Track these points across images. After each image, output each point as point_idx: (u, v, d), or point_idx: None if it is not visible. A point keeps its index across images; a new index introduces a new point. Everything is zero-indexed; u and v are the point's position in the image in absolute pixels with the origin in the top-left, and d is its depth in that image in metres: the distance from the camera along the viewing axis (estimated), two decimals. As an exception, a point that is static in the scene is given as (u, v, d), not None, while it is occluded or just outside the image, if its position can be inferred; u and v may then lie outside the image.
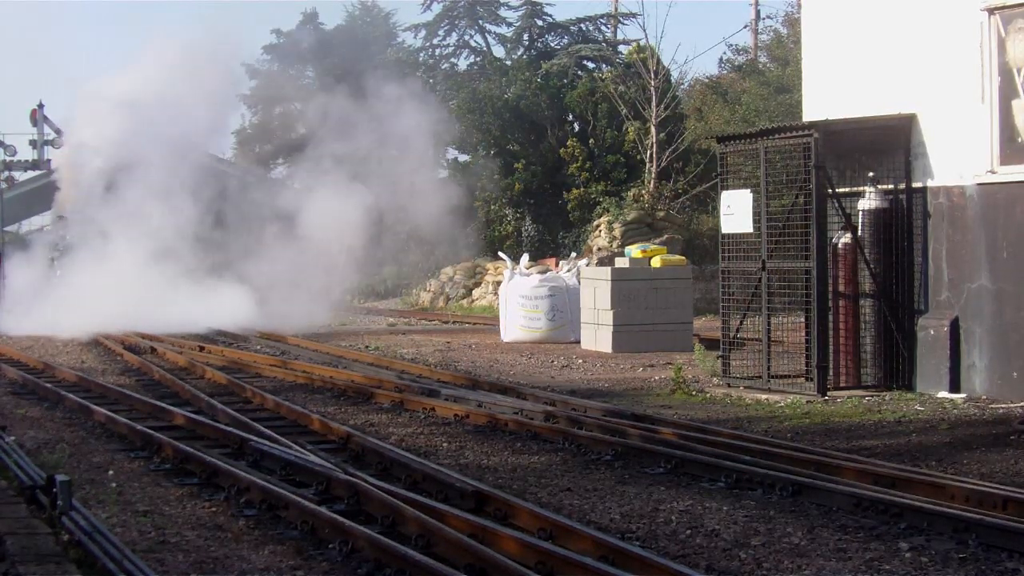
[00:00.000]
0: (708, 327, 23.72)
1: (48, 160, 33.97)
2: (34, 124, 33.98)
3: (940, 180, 15.27)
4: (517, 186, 36.51)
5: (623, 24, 48.12)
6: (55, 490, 8.32)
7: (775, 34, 43.66)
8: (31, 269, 30.12)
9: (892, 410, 14.15)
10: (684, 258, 24.16)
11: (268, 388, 16.41)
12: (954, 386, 14.97)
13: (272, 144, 46.64)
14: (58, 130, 33.43)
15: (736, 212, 16.25)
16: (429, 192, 34.18)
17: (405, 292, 39.38)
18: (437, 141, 35.07)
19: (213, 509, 9.60)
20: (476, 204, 36.26)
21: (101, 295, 26.66)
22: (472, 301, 36.09)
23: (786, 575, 7.77)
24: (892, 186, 15.69)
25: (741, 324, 16.40)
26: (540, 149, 36.92)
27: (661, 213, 33.28)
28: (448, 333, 26.87)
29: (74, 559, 7.55)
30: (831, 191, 15.60)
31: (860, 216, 15.73)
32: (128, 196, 29.73)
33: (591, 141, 36.40)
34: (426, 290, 38.02)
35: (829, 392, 15.29)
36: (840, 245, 15.75)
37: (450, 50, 50.08)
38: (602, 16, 48.17)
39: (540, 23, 47.80)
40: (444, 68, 47.97)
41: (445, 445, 12.36)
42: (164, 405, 14.33)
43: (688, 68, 64.08)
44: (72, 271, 29.24)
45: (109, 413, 13.64)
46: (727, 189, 16.54)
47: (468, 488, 9.49)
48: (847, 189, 15.88)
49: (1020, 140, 14.44)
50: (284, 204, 31.70)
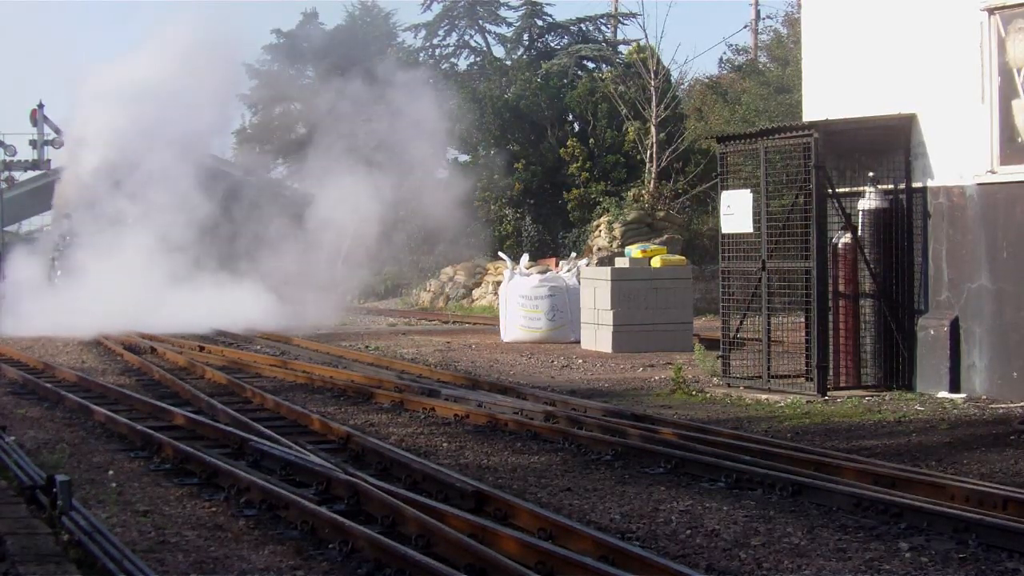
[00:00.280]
0: (708, 327, 23.72)
1: (48, 160, 33.98)
2: (34, 124, 33.98)
3: (940, 180, 15.28)
4: (517, 186, 36.50)
5: (623, 24, 48.19)
6: (55, 490, 8.32)
7: (775, 34, 43.65)
8: (31, 269, 30.09)
9: (892, 410, 14.15)
10: (684, 258, 24.16)
11: (268, 388, 16.41)
12: (954, 386, 14.97)
13: (272, 144, 46.59)
14: (58, 130, 33.42)
15: (736, 212, 16.26)
16: (439, 185, 34.19)
17: (405, 292, 39.37)
18: (450, 131, 34.99)
19: (213, 509, 9.60)
20: (476, 204, 36.24)
21: (101, 295, 26.65)
22: (472, 301, 36.09)
23: (786, 575, 7.77)
24: (892, 186, 15.69)
25: (741, 324, 16.41)
26: (540, 149, 36.91)
27: (661, 213, 33.27)
28: (448, 333, 26.87)
29: (74, 559, 7.55)
30: (831, 191, 15.60)
31: (860, 216, 15.73)
32: (131, 194, 29.68)
33: (591, 141, 36.40)
34: (426, 290, 38.01)
35: (829, 392, 15.29)
36: (840, 245, 15.75)
37: (450, 50, 50.11)
38: (602, 16, 48.20)
39: (540, 23, 47.82)
40: (444, 68, 47.96)
41: (445, 445, 12.36)
42: (164, 405, 14.33)
43: (688, 68, 64.10)
44: (73, 271, 29.24)
45: (109, 413, 13.64)
46: (727, 189, 16.55)
47: (468, 488, 9.49)
48: (847, 189, 15.88)
49: (1020, 140, 14.44)
50: (294, 200, 31.63)
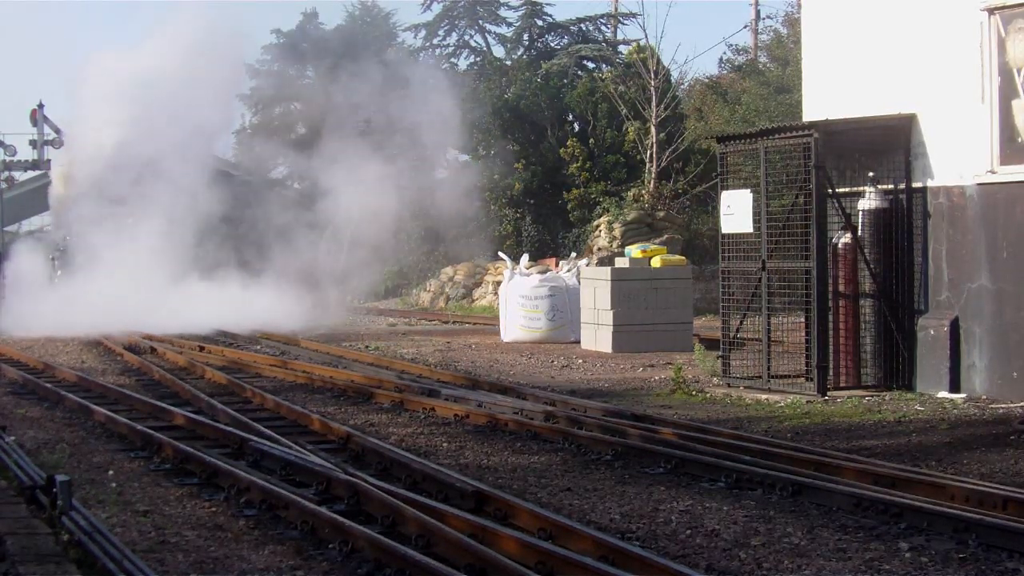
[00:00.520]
0: (708, 327, 23.72)
1: (48, 160, 33.94)
2: (34, 124, 33.97)
3: (940, 180, 15.27)
4: (517, 186, 36.50)
5: (623, 24, 48.18)
6: (55, 490, 8.32)
7: (775, 34, 43.65)
8: (32, 269, 30.06)
9: (892, 410, 14.14)
10: (684, 258, 24.16)
11: (268, 388, 16.41)
12: (954, 386, 14.97)
13: (272, 144, 46.58)
14: (58, 130, 33.39)
15: (736, 212, 16.26)
16: (451, 181, 34.14)
17: (405, 292, 39.37)
18: (463, 123, 34.97)
19: (213, 509, 9.60)
20: (487, 196, 36.16)
21: (101, 295, 26.63)
22: (472, 301, 36.08)
23: (786, 575, 7.77)
24: (892, 186, 15.69)
25: (741, 324, 16.40)
26: (540, 149, 36.91)
27: (661, 213, 33.27)
28: (448, 333, 26.87)
29: (74, 559, 7.55)
30: (831, 191, 15.60)
31: (860, 216, 15.73)
32: (132, 192, 29.59)
33: (591, 141, 36.38)
34: (426, 290, 38.01)
35: (829, 392, 15.29)
36: (840, 245, 15.75)
37: (450, 50, 50.10)
38: (602, 16, 48.19)
39: (540, 23, 47.81)
40: (444, 68, 47.94)
41: (445, 445, 12.35)
42: (164, 405, 14.33)
43: (688, 68, 64.11)
44: (73, 271, 29.21)
45: (109, 413, 13.64)
46: (727, 189, 16.55)
47: (468, 488, 9.49)
48: (847, 189, 15.88)
49: (1020, 140, 14.44)
50: (295, 200, 31.54)
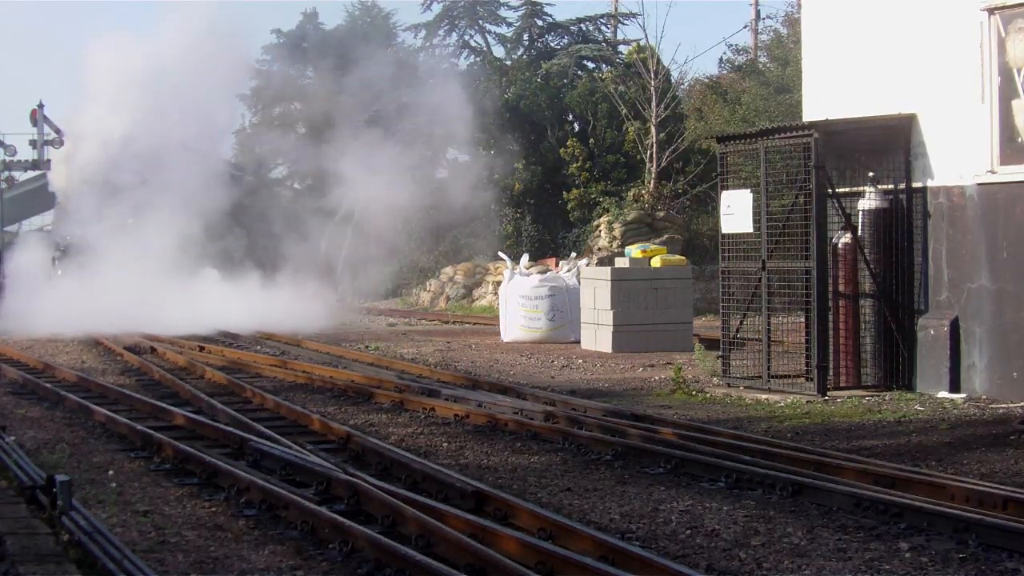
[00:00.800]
0: (708, 327, 23.72)
1: (48, 160, 33.92)
2: (34, 124, 33.94)
3: (940, 180, 15.28)
4: (517, 186, 36.49)
5: (623, 24, 48.13)
6: (55, 490, 8.32)
7: (775, 34, 43.60)
8: (32, 268, 30.05)
9: (892, 410, 14.14)
10: (684, 258, 24.16)
11: (268, 388, 16.40)
12: (954, 386, 14.97)
13: (278, 136, 46.53)
14: (58, 130, 33.36)
15: (736, 212, 16.26)
16: (462, 170, 34.12)
17: (405, 292, 39.37)
18: (476, 112, 34.98)
19: (213, 509, 9.60)
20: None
21: (102, 295, 26.61)
22: (472, 301, 36.09)
23: (786, 575, 7.77)
24: (892, 186, 15.69)
25: (741, 324, 16.40)
26: (540, 149, 36.91)
27: (661, 213, 33.28)
28: (448, 333, 26.87)
29: (74, 559, 7.55)
30: (831, 191, 15.60)
31: (860, 216, 15.73)
32: (135, 189, 29.57)
33: (591, 141, 36.38)
34: (426, 290, 38.01)
35: (829, 392, 15.29)
36: (840, 245, 15.75)
37: (450, 50, 50.08)
38: (602, 16, 48.15)
39: (540, 23, 47.79)
40: (444, 68, 47.92)
41: (445, 445, 12.35)
42: (164, 405, 14.33)
43: (688, 68, 64.10)
44: (74, 271, 29.19)
45: (109, 413, 13.64)
46: (727, 189, 16.55)
47: (468, 488, 9.49)
48: (847, 189, 15.88)
49: (1020, 140, 14.44)
50: (295, 200, 31.49)
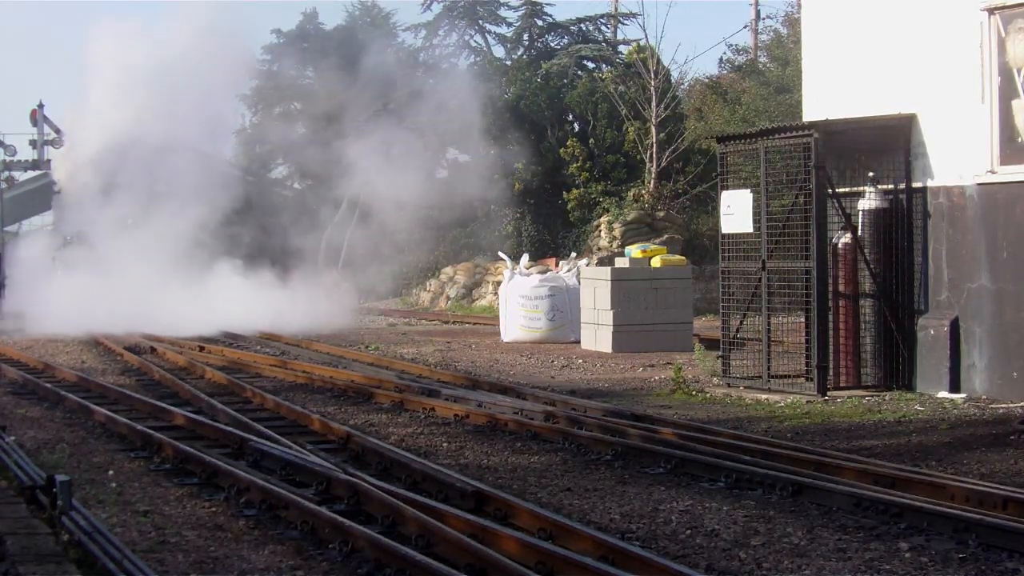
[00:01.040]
0: (708, 327, 23.72)
1: (48, 160, 33.93)
2: (34, 124, 33.95)
3: (940, 180, 15.28)
4: (517, 186, 36.48)
5: (623, 24, 48.07)
6: (55, 490, 8.32)
7: (775, 34, 43.64)
8: (32, 267, 30.02)
9: (892, 410, 14.15)
10: (684, 258, 24.16)
11: (268, 388, 16.40)
12: (954, 386, 14.97)
13: (272, 144, 46.53)
14: (58, 130, 33.37)
15: (736, 212, 16.26)
16: (471, 168, 34.14)
17: (405, 292, 39.37)
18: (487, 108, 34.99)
19: (213, 509, 9.60)
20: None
21: (104, 295, 26.59)
22: (472, 301, 36.08)
23: (786, 575, 7.77)
24: (892, 186, 15.69)
25: (741, 324, 16.40)
26: (540, 149, 36.91)
27: (661, 213, 33.27)
28: (448, 333, 26.87)
29: (74, 559, 7.55)
30: (831, 191, 15.60)
31: (860, 216, 15.73)
32: (135, 189, 29.52)
33: (591, 141, 36.37)
34: (426, 290, 38.01)
35: (829, 392, 15.29)
36: (840, 245, 15.75)
37: (450, 50, 50.06)
38: (602, 16, 48.11)
39: (540, 23, 47.74)
40: (444, 68, 47.90)
41: (445, 445, 12.35)
42: (164, 405, 14.33)
43: (688, 68, 64.13)
44: (74, 270, 29.15)
45: (109, 413, 13.64)
46: (727, 189, 16.55)
47: (468, 488, 9.49)
48: (847, 189, 15.88)
49: (1020, 140, 14.44)
50: (296, 200, 31.50)
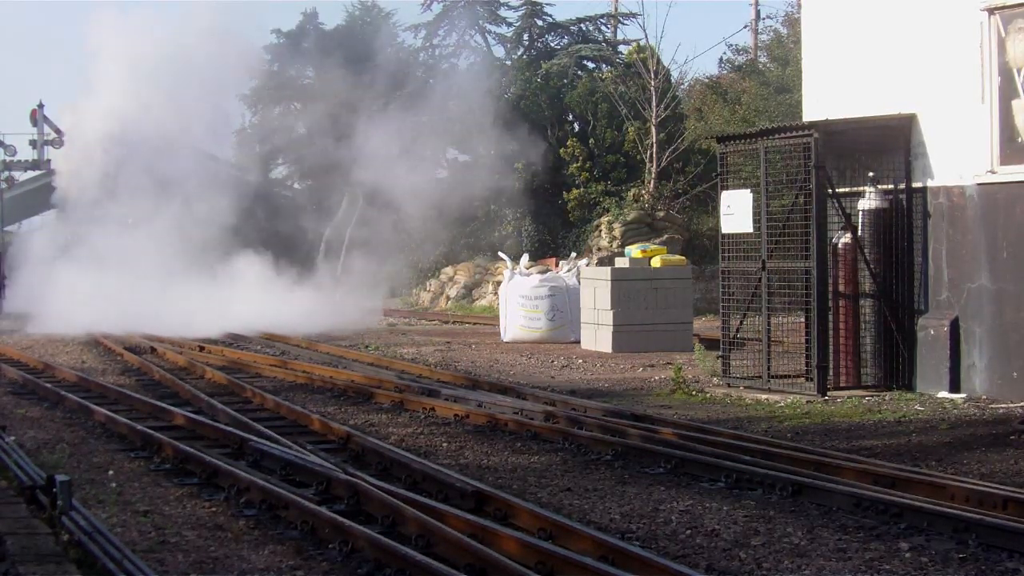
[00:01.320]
0: (708, 327, 23.72)
1: (48, 160, 33.94)
2: (34, 124, 33.98)
3: (940, 180, 15.28)
4: (517, 186, 36.49)
5: (623, 24, 48.03)
6: (55, 490, 8.32)
7: (775, 34, 43.60)
8: (32, 267, 30.02)
9: (892, 410, 14.15)
10: (684, 258, 24.17)
11: (268, 388, 16.41)
12: (954, 386, 14.97)
13: (272, 144, 46.52)
14: (58, 130, 33.38)
15: (736, 212, 16.26)
16: (487, 157, 34.19)
17: (405, 292, 39.37)
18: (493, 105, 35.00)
19: (213, 509, 9.60)
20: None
21: (103, 296, 26.59)
22: (472, 301, 36.08)
23: (786, 575, 7.77)
24: (892, 186, 15.69)
25: (741, 324, 16.40)
26: (540, 149, 36.91)
27: (661, 213, 33.28)
28: (448, 333, 26.87)
29: (74, 559, 7.55)
30: (831, 191, 15.60)
31: (860, 216, 15.73)
32: (136, 189, 29.50)
33: (591, 141, 36.37)
34: (426, 290, 38.01)
35: (829, 392, 15.29)
36: (840, 245, 15.75)
37: (450, 50, 50.04)
38: (602, 16, 48.08)
39: (540, 23, 47.71)
40: (444, 68, 47.89)
41: (445, 445, 12.35)
42: (164, 405, 14.33)
43: (688, 68, 64.15)
44: (74, 270, 29.14)
45: (109, 413, 13.64)
46: (727, 189, 16.55)
47: (468, 488, 9.49)
48: (847, 189, 15.88)
49: (1020, 140, 14.44)
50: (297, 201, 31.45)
